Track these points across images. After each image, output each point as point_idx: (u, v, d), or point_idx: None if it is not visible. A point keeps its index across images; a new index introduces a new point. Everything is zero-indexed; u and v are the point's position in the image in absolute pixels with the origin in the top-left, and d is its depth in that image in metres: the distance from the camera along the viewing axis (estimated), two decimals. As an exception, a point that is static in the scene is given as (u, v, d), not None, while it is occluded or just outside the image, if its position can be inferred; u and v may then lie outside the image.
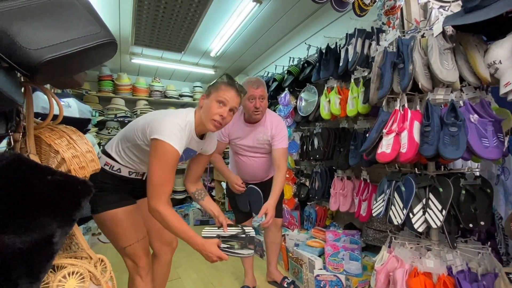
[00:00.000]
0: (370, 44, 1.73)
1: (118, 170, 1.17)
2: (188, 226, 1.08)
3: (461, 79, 1.14)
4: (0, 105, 0.55)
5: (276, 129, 1.62)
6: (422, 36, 1.27)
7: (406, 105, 1.27)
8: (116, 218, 1.14)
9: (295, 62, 2.58)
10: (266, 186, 1.70)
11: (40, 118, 0.82)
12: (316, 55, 2.27)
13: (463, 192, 1.11)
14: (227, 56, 3.44)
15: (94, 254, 0.70)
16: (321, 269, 1.80)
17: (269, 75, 3.02)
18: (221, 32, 2.79)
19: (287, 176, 2.42)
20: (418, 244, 1.29)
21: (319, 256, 1.89)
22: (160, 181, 1.01)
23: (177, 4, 2.27)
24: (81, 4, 0.61)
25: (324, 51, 2.05)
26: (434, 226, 1.10)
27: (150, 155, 1.03)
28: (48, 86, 1.44)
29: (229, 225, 1.29)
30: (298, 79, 2.39)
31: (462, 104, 1.13)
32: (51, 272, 0.60)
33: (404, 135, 1.18)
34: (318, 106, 2.12)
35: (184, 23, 2.57)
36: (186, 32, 2.75)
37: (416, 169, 1.28)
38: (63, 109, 1.36)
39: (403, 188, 1.22)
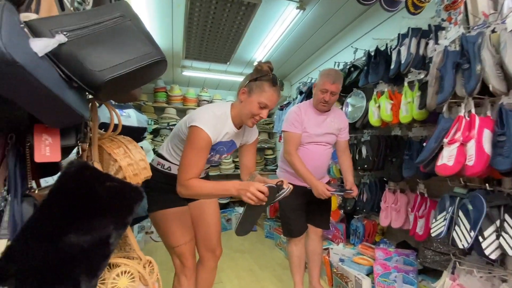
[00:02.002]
0: (426, 44, 1.57)
1: (169, 169, 1.25)
2: (217, 182, 1.07)
3: (548, 78, 0.95)
4: (72, 120, 0.64)
5: (344, 123, 1.78)
6: (493, 31, 1.10)
7: (473, 111, 1.10)
8: (167, 218, 1.22)
9: (341, 67, 2.47)
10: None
11: (104, 129, 0.93)
12: (363, 58, 2.15)
13: (554, 215, 0.91)
14: (270, 64, 3.48)
15: (143, 256, 0.75)
16: (369, 289, 1.65)
17: (313, 81, 2.95)
18: (264, 41, 2.84)
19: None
20: (490, 273, 1.10)
21: (367, 275, 1.74)
22: (188, 163, 1.04)
23: (223, 18, 2.39)
24: (137, 27, 0.68)
25: (373, 53, 1.93)
26: (511, 254, 0.92)
27: (186, 141, 1.09)
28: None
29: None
30: (344, 84, 2.28)
31: (549, 109, 0.94)
32: (106, 269, 0.66)
33: (471, 145, 1.03)
34: (366, 112, 1.99)
35: (229, 35, 2.69)
36: (231, 43, 2.87)
37: (487, 184, 1.10)
38: (124, 119, 1.54)
39: (470, 207, 1.06)
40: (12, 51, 0.45)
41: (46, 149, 0.64)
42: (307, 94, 2.79)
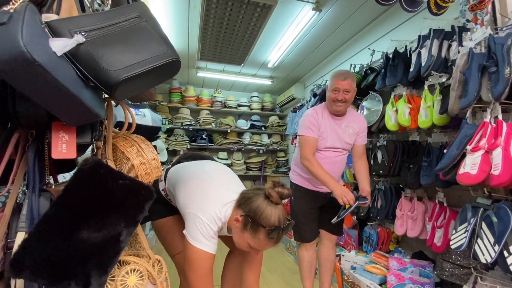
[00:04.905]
0: (449, 46, 1.50)
1: (169, 200, 1.24)
2: None
3: None
4: (88, 118, 0.65)
5: (362, 125, 1.69)
6: (524, 32, 1.04)
7: (500, 117, 1.04)
8: (166, 226, 1.23)
9: (357, 69, 2.42)
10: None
11: (119, 128, 0.95)
12: (381, 60, 2.09)
13: None
14: (284, 66, 3.46)
15: (153, 255, 0.75)
16: (382, 300, 1.59)
17: (327, 83, 2.90)
18: (279, 43, 2.82)
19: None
20: (516, 291, 1.03)
21: (380, 285, 1.68)
22: None
23: (239, 20, 2.39)
24: (152, 28, 0.69)
25: (391, 56, 1.87)
26: (542, 272, 0.85)
27: (185, 261, 0.96)
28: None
29: None
30: (360, 87, 2.23)
31: None
32: (116, 267, 0.67)
33: (497, 153, 0.97)
34: (382, 116, 1.94)
35: (244, 36, 2.70)
36: (246, 45, 2.88)
37: (514, 195, 1.04)
38: (140, 118, 1.57)
39: (494, 219, 0.99)
40: (32, 50, 0.46)
41: (62, 146, 0.65)
42: (321, 96, 2.75)
